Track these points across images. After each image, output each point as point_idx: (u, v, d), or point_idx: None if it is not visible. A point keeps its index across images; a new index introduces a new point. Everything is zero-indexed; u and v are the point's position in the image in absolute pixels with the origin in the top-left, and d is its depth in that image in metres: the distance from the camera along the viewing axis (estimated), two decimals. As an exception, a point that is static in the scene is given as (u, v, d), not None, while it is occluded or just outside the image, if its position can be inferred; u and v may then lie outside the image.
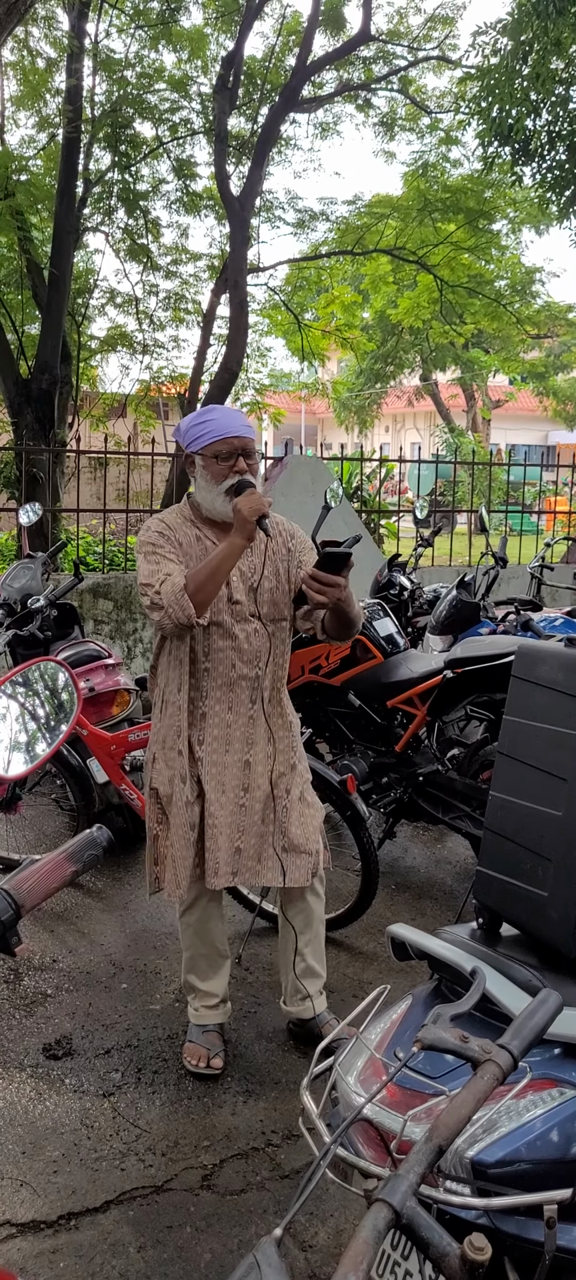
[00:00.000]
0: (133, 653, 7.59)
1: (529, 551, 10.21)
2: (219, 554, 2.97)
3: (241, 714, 3.19)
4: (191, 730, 3.19)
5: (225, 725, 3.19)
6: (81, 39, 9.81)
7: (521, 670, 2.25)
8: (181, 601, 2.93)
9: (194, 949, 3.40)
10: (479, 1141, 1.75)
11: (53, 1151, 2.94)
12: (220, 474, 3.08)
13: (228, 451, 3.06)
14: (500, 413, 32.21)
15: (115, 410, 14.12)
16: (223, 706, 3.18)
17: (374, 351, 21.69)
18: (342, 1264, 0.87)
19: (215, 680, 3.16)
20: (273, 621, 3.22)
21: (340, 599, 2.89)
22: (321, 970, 3.48)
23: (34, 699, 1.46)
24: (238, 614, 3.16)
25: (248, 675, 3.18)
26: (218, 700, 3.17)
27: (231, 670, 3.16)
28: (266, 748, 3.25)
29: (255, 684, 3.20)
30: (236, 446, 3.06)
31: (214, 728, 3.19)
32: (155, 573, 3.01)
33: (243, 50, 10.24)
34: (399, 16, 11.52)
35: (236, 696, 3.18)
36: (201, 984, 3.41)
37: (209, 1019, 3.41)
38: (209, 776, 3.18)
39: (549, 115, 8.32)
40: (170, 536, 3.14)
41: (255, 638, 3.18)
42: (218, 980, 3.42)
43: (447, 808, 4.69)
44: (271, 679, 3.25)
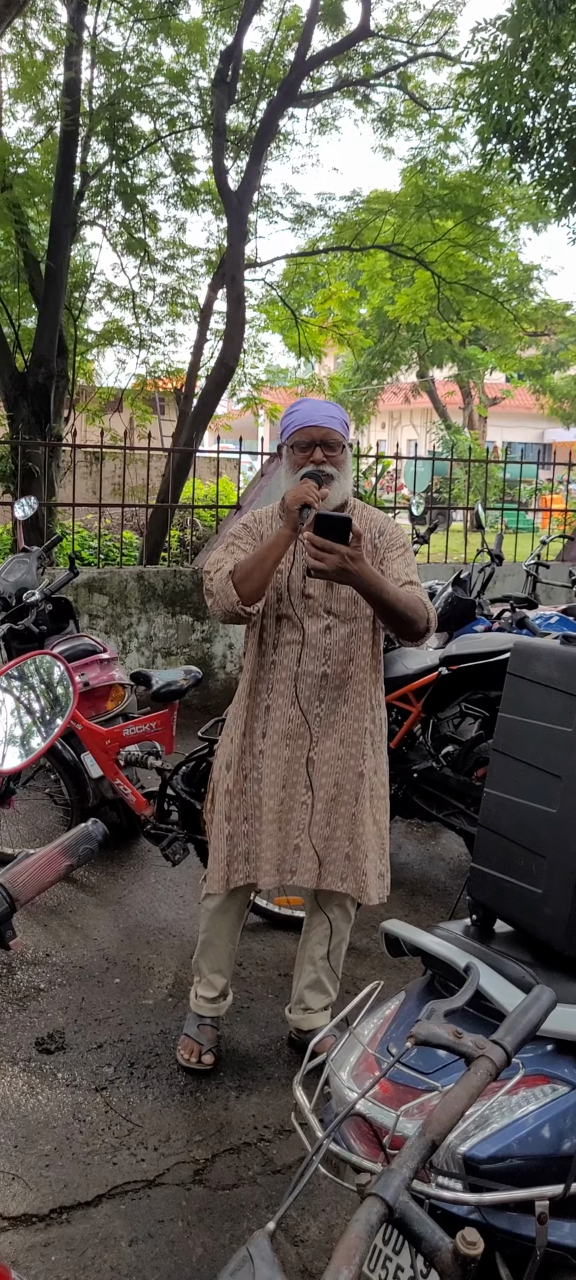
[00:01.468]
0: (127, 647, 7.59)
1: (524, 549, 10.22)
2: (266, 543, 2.97)
3: (307, 711, 3.10)
4: (255, 722, 3.16)
5: (287, 720, 3.12)
6: (80, 32, 9.78)
7: (517, 667, 2.25)
8: (226, 588, 2.95)
9: (209, 934, 3.35)
10: (471, 1137, 1.76)
11: (45, 1145, 2.94)
12: (297, 464, 3.04)
13: (306, 442, 3.02)
14: (496, 410, 32.23)
15: (111, 405, 14.11)
16: (286, 701, 3.11)
17: (371, 348, 21.67)
18: (335, 1258, 0.87)
19: (280, 674, 3.11)
20: (350, 619, 3.10)
21: (347, 570, 2.73)
22: (332, 990, 3.40)
23: (30, 693, 1.45)
24: (310, 608, 3.09)
25: (314, 672, 3.09)
26: (281, 694, 3.11)
27: (296, 665, 3.09)
28: (337, 749, 3.13)
29: (323, 681, 3.10)
30: (315, 437, 3.01)
31: (276, 721, 3.13)
32: (219, 561, 3.03)
33: (241, 44, 10.22)
34: (398, 12, 11.50)
35: (302, 692, 3.09)
36: (207, 971, 3.39)
37: (205, 1010, 3.40)
38: (269, 770, 3.13)
39: (548, 112, 8.31)
40: (254, 530, 3.14)
41: (326, 634, 3.09)
42: (220, 976, 3.40)
43: (442, 805, 4.70)
44: (343, 678, 3.12)
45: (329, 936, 3.32)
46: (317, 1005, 3.38)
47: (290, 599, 3.08)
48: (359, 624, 3.12)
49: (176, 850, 4.34)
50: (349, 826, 3.14)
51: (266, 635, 3.13)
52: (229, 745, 3.21)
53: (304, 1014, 3.40)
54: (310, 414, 3.05)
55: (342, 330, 14.87)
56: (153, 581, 7.72)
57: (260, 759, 3.14)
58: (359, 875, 3.14)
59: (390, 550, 3.11)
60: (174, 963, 4.02)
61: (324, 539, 2.69)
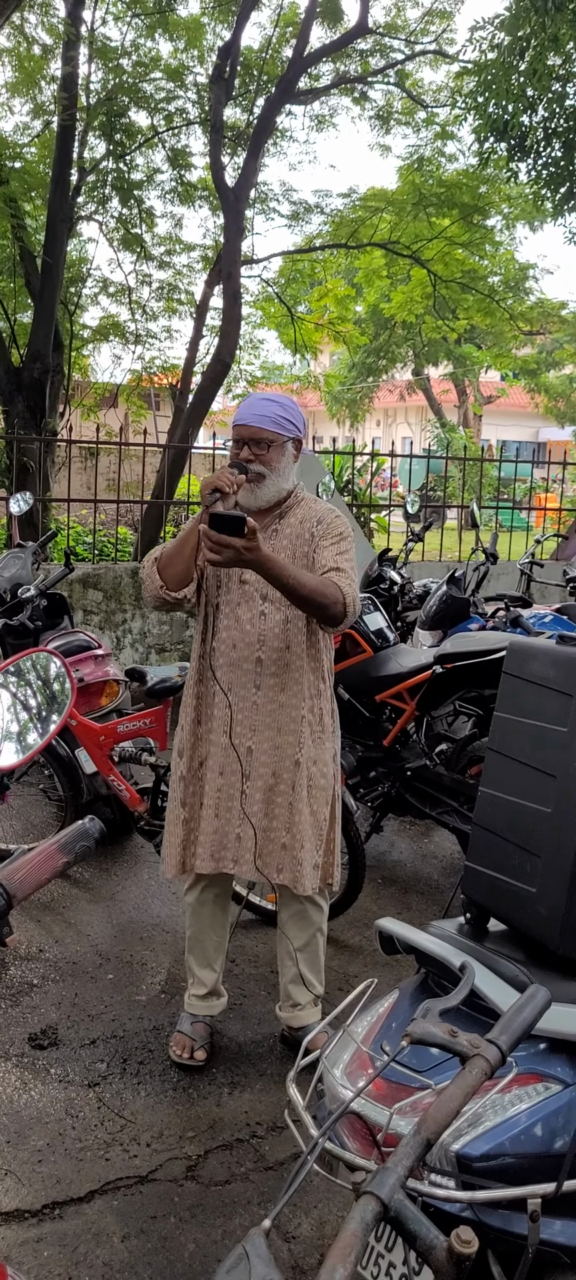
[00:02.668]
0: (122, 643, 7.58)
1: (519, 548, 10.23)
2: (184, 529, 3.10)
3: (245, 698, 3.13)
4: (199, 710, 3.22)
5: (224, 707, 3.13)
6: (78, 26, 9.76)
7: (512, 667, 2.26)
8: (151, 573, 3.08)
9: (192, 930, 3.39)
10: (464, 1135, 1.76)
11: (37, 1141, 2.94)
12: (231, 459, 3.13)
13: (236, 439, 3.12)
14: (491, 408, 32.24)
15: (106, 400, 14.08)
16: (220, 688, 3.13)
17: (366, 345, 21.67)
18: (331, 1255, 0.87)
19: (219, 660, 3.14)
20: (285, 606, 3.10)
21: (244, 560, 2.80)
22: (316, 982, 3.40)
23: (28, 689, 1.45)
24: (246, 594, 3.13)
25: (249, 658, 3.12)
26: (220, 680, 3.13)
27: (232, 650, 3.13)
28: (275, 738, 3.15)
29: (258, 668, 3.13)
30: (243, 435, 3.09)
31: (215, 708, 3.16)
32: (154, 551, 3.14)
33: (239, 41, 10.20)
34: (396, 10, 11.49)
35: (237, 679, 3.13)
36: (196, 969, 3.40)
37: (198, 1008, 3.41)
38: (209, 758, 3.17)
39: (545, 111, 8.32)
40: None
41: (260, 620, 3.12)
42: (209, 972, 3.40)
43: (435, 803, 4.70)
44: (280, 665, 3.14)
45: (302, 930, 3.33)
46: (304, 1000, 3.38)
47: (228, 586, 3.15)
48: (294, 610, 3.11)
49: (170, 846, 4.33)
50: (286, 816, 3.15)
51: (208, 622, 3.19)
52: (181, 733, 3.27)
53: (292, 1011, 3.40)
54: (242, 412, 3.13)
55: (338, 327, 14.87)
56: (147, 577, 7.70)
57: (204, 746, 3.21)
58: (295, 865, 3.15)
59: (323, 539, 3.13)
60: (167, 959, 4.02)
61: (219, 534, 2.77)
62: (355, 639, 4.85)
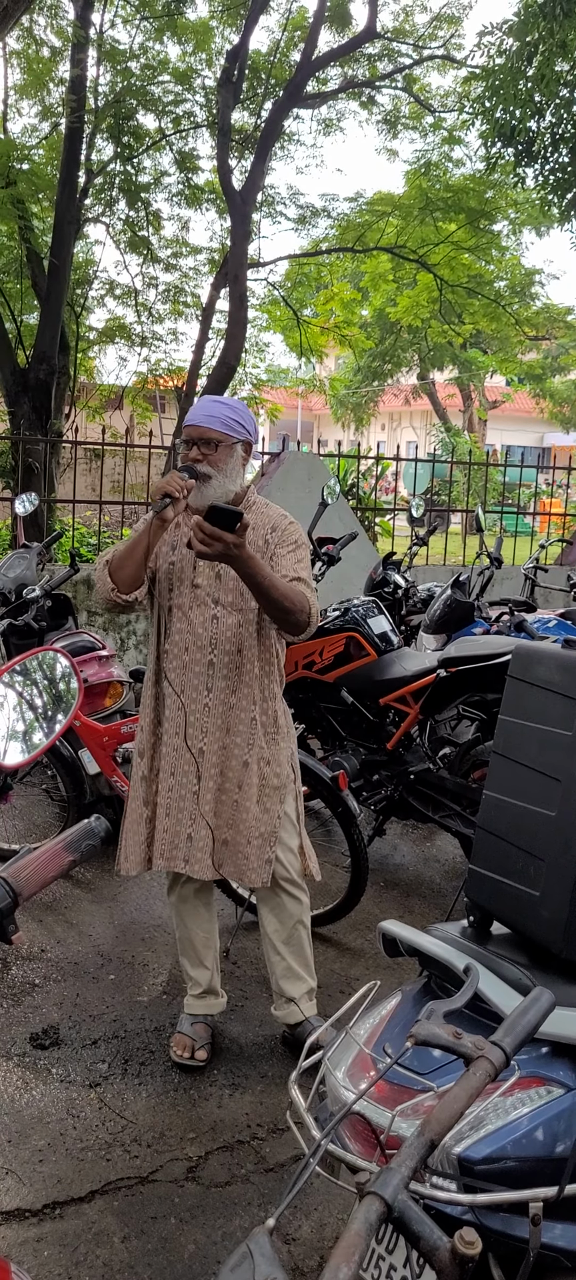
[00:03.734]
0: (126, 645, 7.58)
1: (523, 553, 10.23)
2: (136, 531, 3.11)
3: (197, 700, 3.16)
4: (155, 711, 3.27)
5: (177, 709, 3.18)
6: (86, 29, 9.79)
7: (518, 670, 2.26)
8: (103, 575, 3.08)
9: (179, 932, 3.45)
10: (466, 1138, 1.76)
11: (38, 1141, 2.94)
12: (183, 459, 3.16)
13: (187, 439, 3.16)
14: (496, 413, 32.24)
15: (112, 402, 14.10)
16: (174, 690, 3.19)
17: (372, 349, 21.68)
18: (335, 1256, 0.87)
19: (172, 663, 3.19)
20: (237, 610, 3.15)
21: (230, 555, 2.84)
22: (305, 974, 3.42)
23: (35, 688, 1.45)
24: (198, 598, 3.17)
25: (201, 661, 3.15)
26: (172, 682, 3.19)
27: (184, 654, 3.17)
28: (224, 739, 3.18)
29: (210, 670, 3.16)
30: (192, 435, 3.13)
31: (169, 709, 3.21)
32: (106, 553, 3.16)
33: (248, 44, 10.23)
34: (404, 15, 11.51)
35: (189, 681, 3.16)
36: (190, 970, 3.44)
37: (195, 1008, 3.42)
38: (162, 758, 3.23)
39: (552, 117, 8.32)
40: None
41: (213, 624, 3.15)
42: (203, 970, 3.42)
43: (438, 806, 4.70)
44: (231, 668, 3.17)
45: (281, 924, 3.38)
46: (297, 993, 3.39)
47: (180, 589, 3.18)
48: (246, 615, 3.16)
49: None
50: (231, 814, 3.20)
51: (160, 625, 3.24)
52: (140, 734, 3.30)
53: (288, 1007, 3.41)
54: (192, 413, 3.18)
55: (344, 331, 14.88)
56: (152, 579, 7.70)
57: (160, 746, 3.25)
58: (239, 859, 3.20)
59: (280, 546, 3.17)
60: (168, 960, 4.02)
61: (212, 527, 2.80)
62: (359, 642, 4.85)
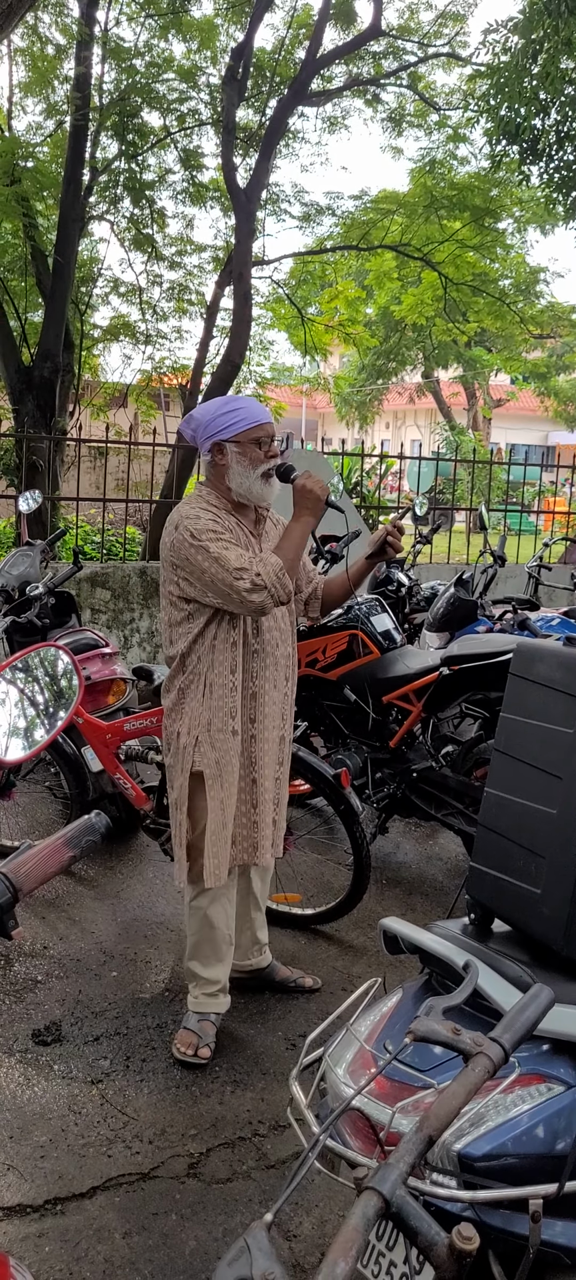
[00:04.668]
0: (129, 642, 7.59)
1: (527, 551, 10.22)
2: (299, 534, 3.18)
3: (279, 690, 3.34)
4: (244, 710, 3.27)
5: (273, 704, 3.32)
6: (91, 26, 9.78)
7: (519, 668, 2.26)
8: (283, 580, 3.08)
9: (201, 934, 3.38)
10: (466, 1135, 1.76)
11: (40, 1137, 2.95)
12: (258, 459, 3.19)
13: (264, 437, 3.20)
14: (501, 412, 32.20)
15: (116, 400, 14.10)
16: (270, 684, 3.30)
17: (376, 347, 21.65)
18: (332, 1250, 0.87)
19: (265, 660, 3.28)
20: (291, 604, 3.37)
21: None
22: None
23: (35, 685, 1.46)
24: None
25: (285, 653, 3.36)
26: (267, 680, 3.29)
27: (276, 649, 3.32)
28: (281, 726, 3.39)
29: (288, 661, 3.38)
30: (271, 433, 3.22)
31: (264, 705, 3.30)
32: (243, 556, 3.09)
33: (252, 42, 10.21)
34: (409, 12, 11.48)
35: (279, 674, 3.33)
36: (203, 971, 3.41)
37: (208, 1007, 3.41)
38: (263, 754, 3.30)
39: (558, 115, 8.30)
40: (222, 522, 3.20)
41: (286, 617, 3.36)
42: (221, 967, 3.42)
43: (440, 804, 4.70)
44: (293, 658, 3.42)
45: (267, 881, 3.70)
46: (266, 938, 3.74)
47: None
48: (297, 606, 3.48)
49: (175, 845, 4.34)
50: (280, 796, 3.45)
51: (247, 626, 3.24)
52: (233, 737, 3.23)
53: (260, 954, 3.72)
54: (260, 413, 3.24)
55: (348, 329, 14.86)
56: (155, 577, 7.72)
57: (254, 745, 3.30)
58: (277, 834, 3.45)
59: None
60: (171, 957, 4.03)
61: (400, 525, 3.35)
62: (363, 640, 4.85)
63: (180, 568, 3.15)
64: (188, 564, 3.11)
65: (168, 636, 3.31)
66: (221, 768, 3.22)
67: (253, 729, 3.28)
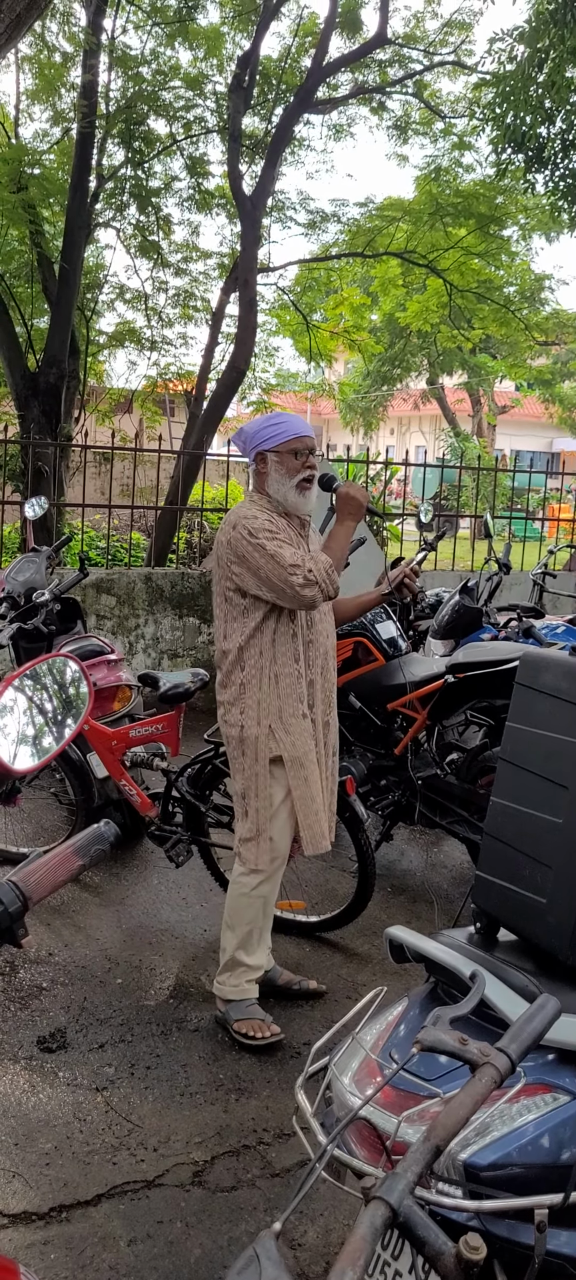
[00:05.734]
0: (134, 648, 7.60)
1: (531, 558, 10.21)
2: (344, 536, 3.48)
3: (328, 680, 3.57)
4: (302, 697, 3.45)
5: (323, 690, 3.54)
6: (98, 34, 9.80)
7: (525, 677, 2.26)
8: (332, 577, 3.33)
9: (256, 923, 3.53)
10: (471, 1145, 1.76)
11: (45, 1144, 2.95)
12: (295, 469, 3.42)
13: (302, 449, 3.42)
14: (505, 418, 32.19)
15: (121, 406, 14.12)
16: (319, 672, 3.49)
17: (381, 354, 21.65)
18: (340, 1260, 0.88)
19: (318, 649, 3.51)
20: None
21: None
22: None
23: (45, 694, 1.46)
24: None
25: (332, 644, 3.61)
26: (320, 669, 3.51)
27: (326, 640, 3.55)
28: (335, 712, 3.63)
29: (333, 652, 3.62)
30: (309, 445, 3.45)
31: (319, 692, 3.51)
32: (297, 554, 3.31)
33: (259, 50, 10.23)
34: (415, 21, 11.50)
35: (328, 664, 3.55)
36: (248, 959, 3.53)
37: (251, 993, 3.55)
38: (320, 738, 3.49)
39: (563, 123, 8.30)
40: (275, 524, 3.40)
41: (330, 615, 3.62)
42: (262, 952, 3.60)
43: (445, 812, 4.70)
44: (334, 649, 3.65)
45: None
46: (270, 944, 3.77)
47: None
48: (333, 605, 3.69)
49: (180, 852, 4.34)
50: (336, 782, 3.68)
51: (301, 619, 3.45)
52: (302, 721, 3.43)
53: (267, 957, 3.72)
54: (301, 426, 3.49)
55: (353, 336, 14.87)
56: (160, 583, 7.73)
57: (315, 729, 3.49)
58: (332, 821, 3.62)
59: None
60: (176, 964, 4.03)
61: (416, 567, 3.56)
62: (367, 647, 4.86)
63: (237, 564, 3.35)
64: (245, 560, 3.32)
65: (222, 631, 3.49)
66: (299, 749, 3.41)
67: (312, 714, 3.48)
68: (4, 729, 1.39)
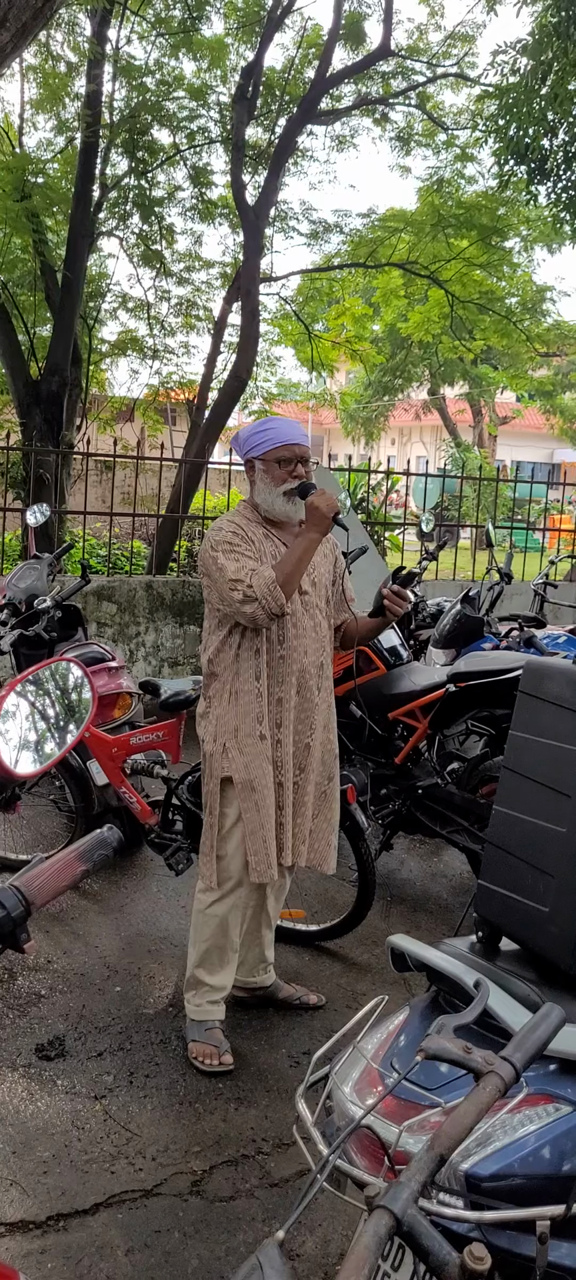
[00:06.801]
0: (135, 656, 7.59)
1: (532, 568, 10.21)
2: (300, 548, 3.24)
3: (308, 699, 3.39)
4: (270, 716, 3.35)
5: (297, 710, 3.39)
6: (103, 45, 9.84)
7: (528, 686, 2.25)
8: (275, 593, 3.17)
9: (213, 941, 3.44)
10: (473, 1155, 1.75)
11: (43, 1152, 2.94)
12: (280, 478, 3.33)
13: (288, 457, 3.32)
14: (506, 429, 32.23)
15: (123, 414, 14.14)
16: (292, 690, 3.36)
17: (383, 364, 21.68)
18: (344, 1269, 0.87)
19: (291, 667, 3.35)
20: (326, 615, 3.50)
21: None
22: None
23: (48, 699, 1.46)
24: (307, 605, 3.39)
25: (315, 662, 3.41)
26: (292, 686, 3.36)
27: (304, 657, 3.37)
28: (323, 734, 3.47)
29: (320, 671, 3.43)
30: (296, 453, 3.33)
31: (288, 712, 3.36)
32: (241, 569, 3.21)
33: (262, 61, 10.27)
34: (418, 33, 11.53)
35: (305, 682, 3.38)
36: (209, 978, 3.46)
37: (212, 1014, 3.46)
38: (287, 758, 3.36)
39: (566, 135, 8.33)
40: (243, 535, 3.32)
41: (318, 630, 3.44)
42: (226, 974, 3.49)
43: (446, 821, 4.69)
44: (329, 668, 3.51)
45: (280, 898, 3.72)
46: (272, 958, 3.77)
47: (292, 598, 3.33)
48: (329, 620, 3.54)
49: (180, 860, 4.33)
50: (321, 804, 3.51)
51: (271, 634, 3.32)
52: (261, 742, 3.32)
53: (266, 972, 3.74)
54: (289, 433, 3.37)
55: (355, 346, 14.90)
56: (161, 591, 7.73)
57: (279, 749, 3.36)
58: (322, 847, 3.51)
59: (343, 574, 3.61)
60: (175, 972, 4.02)
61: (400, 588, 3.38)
62: (369, 656, 4.85)
63: (204, 576, 3.33)
64: (207, 573, 3.30)
65: (204, 642, 3.48)
66: (251, 772, 3.31)
67: (279, 734, 3.35)
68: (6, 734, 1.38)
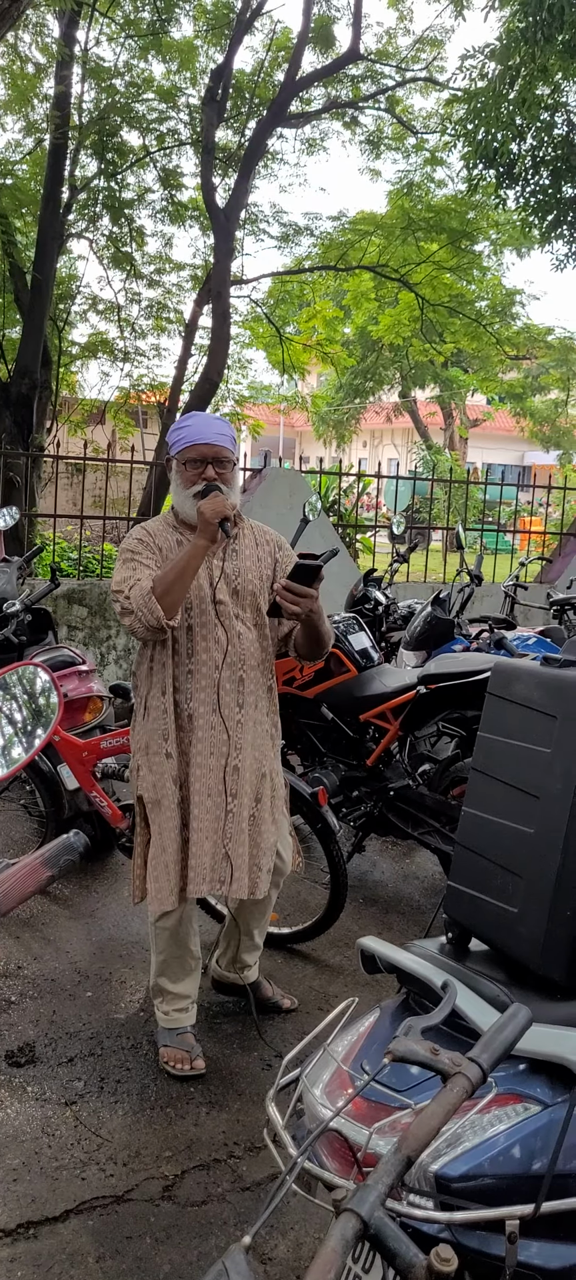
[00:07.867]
0: (106, 659, 7.56)
1: (503, 570, 10.28)
2: (183, 556, 3.04)
3: (228, 717, 3.16)
4: (179, 734, 3.18)
5: (210, 728, 3.16)
6: (71, 46, 9.81)
7: (497, 688, 2.26)
8: (150, 604, 2.98)
9: (168, 953, 3.38)
10: (443, 1156, 1.75)
11: (13, 1159, 2.91)
12: (189, 479, 3.15)
13: (196, 458, 3.14)
14: (477, 432, 32.43)
15: (94, 417, 14.08)
16: (207, 709, 3.15)
17: (354, 367, 21.78)
18: (311, 1272, 0.87)
19: (200, 682, 3.15)
20: (254, 625, 3.24)
21: (312, 610, 2.97)
22: (262, 943, 3.72)
23: (14, 703, 1.45)
24: (222, 615, 3.17)
25: (232, 678, 3.17)
26: (202, 703, 3.15)
27: (215, 671, 3.15)
28: (251, 754, 3.22)
29: (240, 686, 3.19)
30: (206, 454, 3.13)
31: (200, 730, 3.16)
32: (127, 579, 3.05)
33: (232, 64, 10.28)
34: (388, 37, 11.61)
35: (222, 699, 3.16)
36: (172, 987, 3.41)
37: (181, 1022, 3.42)
38: (196, 780, 3.16)
39: (533, 140, 8.41)
40: (149, 543, 3.17)
41: (238, 641, 3.18)
42: (189, 982, 3.44)
43: (417, 823, 4.70)
44: (255, 683, 3.24)
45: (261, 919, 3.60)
46: (254, 960, 3.70)
47: (203, 607, 3.16)
48: (261, 629, 3.27)
49: (152, 864, 4.31)
50: (256, 832, 3.24)
51: (179, 646, 3.16)
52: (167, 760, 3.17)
53: (241, 973, 3.67)
54: (201, 432, 3.16)
55: (326, 349, 14.95)
56: (132, 594, 7.69)
57: (188, 769, 3.18)
58: (254, 871, 3.23)
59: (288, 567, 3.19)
60: (146, 977, 3.99)
61: (300, 585, 2.90)
62: (339, 658, 4.86)
63: None
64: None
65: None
66: (158, 791, 3.17)
67: (189, 752, 3.17)
68: (-28, 738, 1.37)
